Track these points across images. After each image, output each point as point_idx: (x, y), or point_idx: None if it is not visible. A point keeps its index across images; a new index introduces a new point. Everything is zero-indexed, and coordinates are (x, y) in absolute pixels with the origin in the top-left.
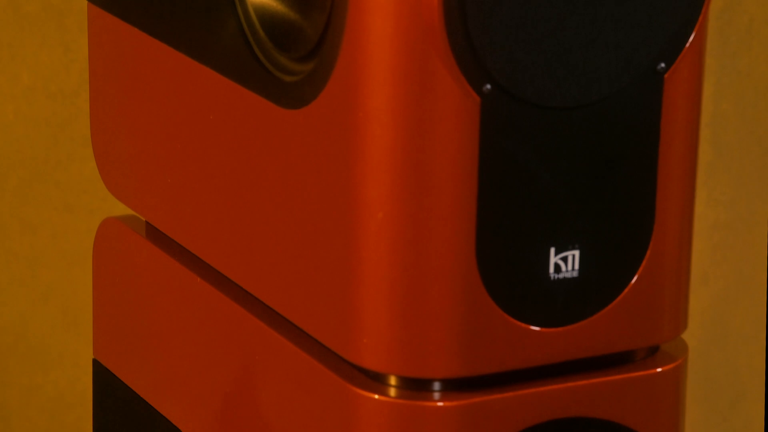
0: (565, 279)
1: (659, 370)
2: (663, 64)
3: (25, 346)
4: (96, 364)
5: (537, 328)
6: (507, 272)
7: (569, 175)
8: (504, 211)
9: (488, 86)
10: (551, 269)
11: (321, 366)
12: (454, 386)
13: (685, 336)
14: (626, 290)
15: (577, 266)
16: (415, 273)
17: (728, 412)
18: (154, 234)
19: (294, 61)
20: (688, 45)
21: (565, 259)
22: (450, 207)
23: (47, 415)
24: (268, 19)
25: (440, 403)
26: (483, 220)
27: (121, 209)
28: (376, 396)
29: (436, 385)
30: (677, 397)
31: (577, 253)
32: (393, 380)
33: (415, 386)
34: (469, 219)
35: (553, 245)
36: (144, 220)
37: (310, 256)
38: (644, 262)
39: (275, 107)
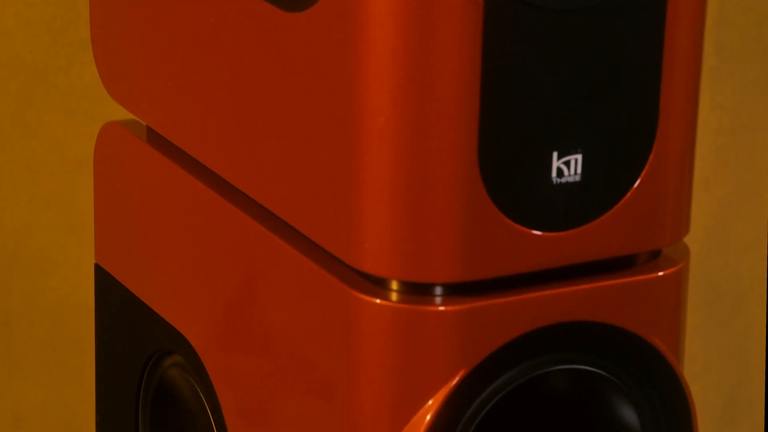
0: (567, 183)
1: (661, 273)
2: None
3: (27, 252)
4: (98, 269)
5: (539, 233)
6: (509, 176)
7: (572, 78)
8: (506, 115)
9: None
10: (553, 173)
11: (322, 271)
12: (455, 291)
13: (687, 241)
14: (629, 194)
15: (579, 170)
16: (417, 177)
17: (729, 317)
18: (155, 139)
19: None
20: None
21: (567, 164)
22: (452, 111)
23: (49, 321)
24: None
25: (441, 308)
26: (485, 124)
27: (122, 114)
28: (378, 300)
29: (438, 290)
30: (679, 301)
31: (579, 157)
32: (394, 285)
33: (417, 291)
34: (471, 123)
35: (555, 149)
36: (145, 124)
37: (311, 161)
38: (647, 167)
39: (276, 10)
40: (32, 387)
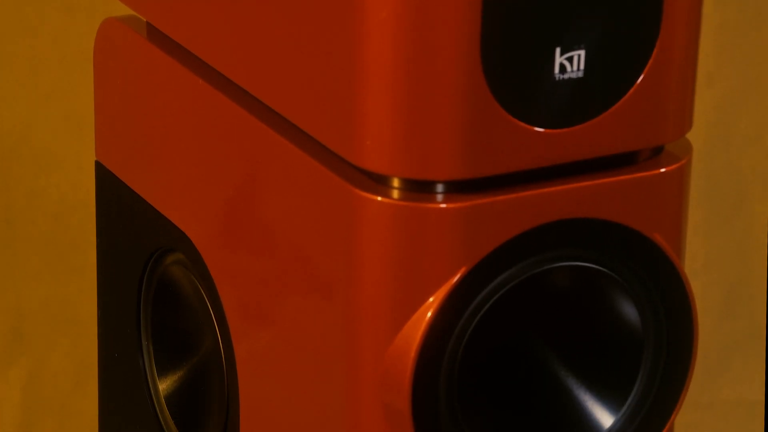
0: (570, 79)
1: (663, 170)
2: None
3: (28, 150)
4: (98, 166)
5: (541, 129)
6: (512, 73)
7: None
8: (509, 11)
9: None
10: (556, 70)
11: (324, 168)
12: (457, 188)
13: (689, 137)
14: (631, 90)
15: (582, 66)
16: (419, 73)
17: (730, 214)
18: (155, 35)
19: None
20: None
21: (570, 60)
22: (455, 5)
23: (50, 218)
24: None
25: (443, 205)
26: (488, 19)
27: (122, 10)
28: (379, 198)
29: (439, 187)
30: (680, 198)
31: (582, 53)
32: (396, 182)
33: (418, 188)
34: (474, 19)
35: (558, 45)
36: (145, 20)
37: (313, 56)
38: (650, 62)
39: None
40: (34, 284)
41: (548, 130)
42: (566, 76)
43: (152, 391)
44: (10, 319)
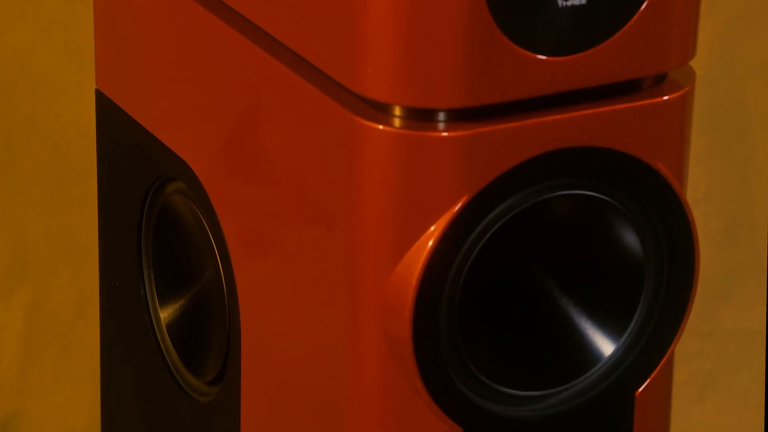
0: (573, 6)
1: (666, 98)
2: None
3: (28, 79)
4: (99, 94)
5: (543, 57)
6: (514, 0)
7: None
8: None
9: None
10: None
11: (326, 97)
12: (458, 116)
13: (692, 66)
14: (635, 17)
15: None
16: (422, 0)
17: (733, 143)
18: None
19: None
20: None
21: None
22: None
23: (51, 147)
24: None
25: (445, 134)
26: None
27: None
28: (381, 126)
29: (441, 116)
30: (683, 126)
31: None
32: (397, 111)
33: (420, 117)
34: None
35: None
36: None
37: None
38: None
39: None
40: (35, 213)
41: (551, 58)
42: (569, 3)
43: (154, 320)
44: (11, 248)
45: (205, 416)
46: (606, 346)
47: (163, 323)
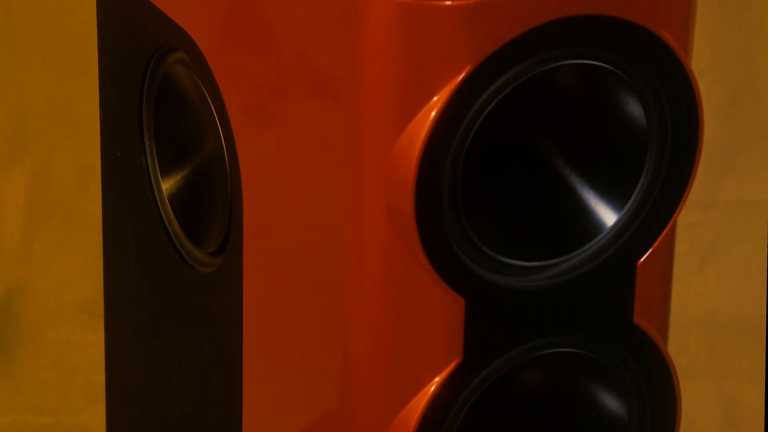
0: None
1: None
2: None
3: None
4: None
5: None
6: None
7: None
8: None
9: None
10: None
11: None
12: None
13: None
14: None
15: None
16: None
17: (738, 11)
18: None
19: None
20: None
21: None
22: None
23: (51, 18)
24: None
25: (448, 2)
26: None
27: None
28: None
29: None
30: None
31: None
32: None
33: None
34: None
35: None
36: None
37: None
38: None
39: None
40: (36, 84)
41: None
42: None
43: (155, 191)
44: (13, 120)
45: (208, 287)
46: (608, 216)
47: (165, 194)
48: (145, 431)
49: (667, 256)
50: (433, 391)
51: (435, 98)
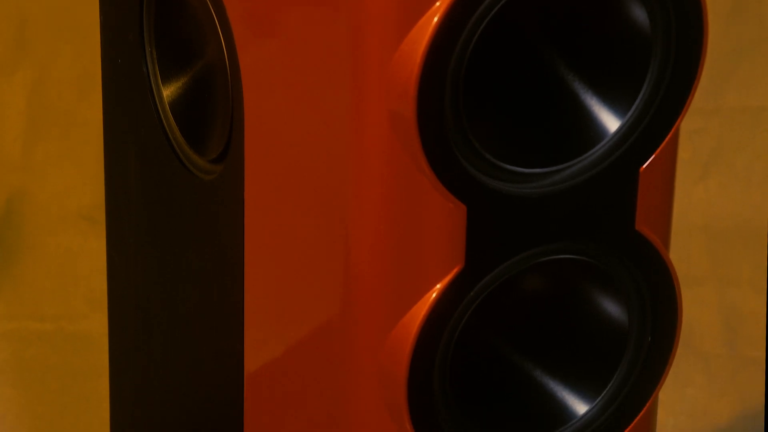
0: None
1: None
2: None
3: None
4: None
5: None
6: None
7: None
8: None
9: None
10: None
11: None
12: None
13: None
14: None
15: None
16: None
17: None
18: None
19: None
20: None
21: None
22: None
23: None
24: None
25: None
26: None
27: None
28: None
29: None
30: None
31: None
32: None
33: None
34: None
35: None
36: None
37: None
38: None
39: None
40: None
41: None
42: None
43: (156, 98)
44: (13, 26)
45: (210, 194)
46: (611, 123)
47: (166, 101)
48: (146, 337)
49: (669, 163)
50: (435, 297)
51: (437, 3)
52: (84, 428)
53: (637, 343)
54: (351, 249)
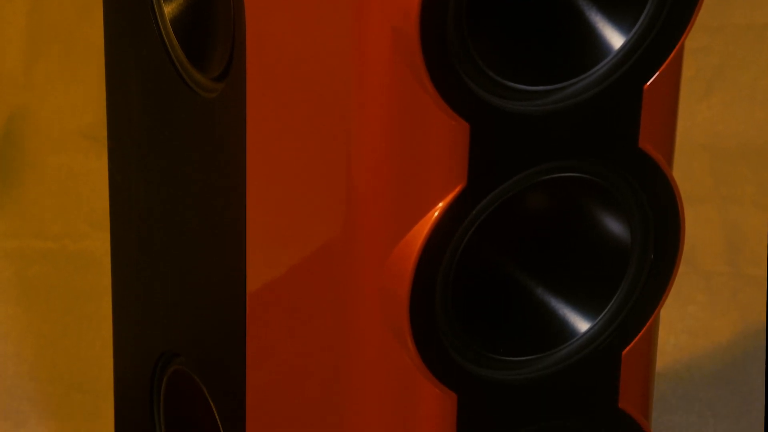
0: None
1: None
2: None
3: None
4: None
5: None
6: None
7: None
8: None
9: None
10: None
11: None
12: None
13: None
14: None
15: None
16: None
17: None
18: None
19: None
20: None
21: None
22: None
23: None
24: None
25: None
26: None
27: None
28: None
29: None
30: None
31: None
32: None
33: None
34: None
35: None
36: None
37: None
38: None
39: None
40: None
41: None
42: None
43: (158, 15)
44: None
45: (212, 112)
46: (615, 39)
47: (168, 18)
48: (148, 257)
49: (673, 80)
50: (437, 216)
51: None
52: (87, 347)
53: (640, 262)
54: (353, 168)
